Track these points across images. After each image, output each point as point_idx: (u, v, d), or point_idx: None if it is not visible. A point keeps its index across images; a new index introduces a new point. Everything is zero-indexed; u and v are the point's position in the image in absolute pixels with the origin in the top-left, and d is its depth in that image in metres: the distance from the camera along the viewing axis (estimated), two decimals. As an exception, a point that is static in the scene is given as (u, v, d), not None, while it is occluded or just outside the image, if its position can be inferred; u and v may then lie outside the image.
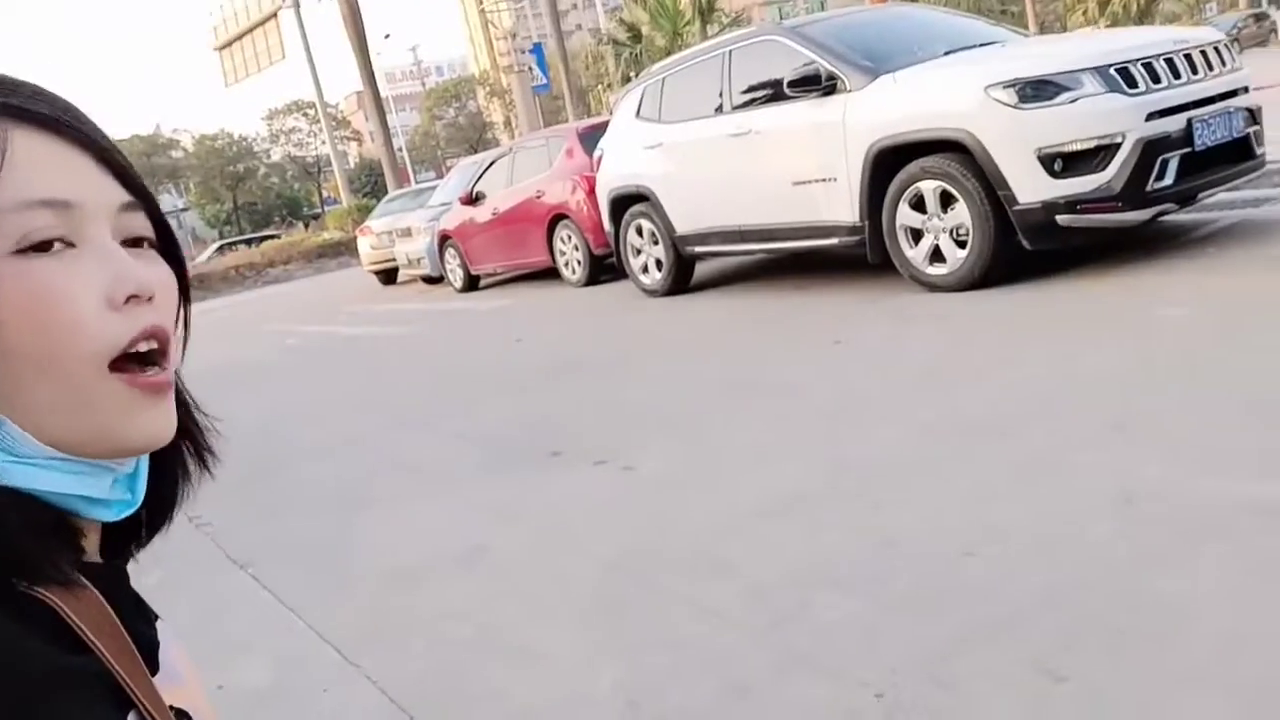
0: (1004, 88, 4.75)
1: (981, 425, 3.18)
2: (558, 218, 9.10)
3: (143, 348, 0.59)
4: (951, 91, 5.00)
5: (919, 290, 5.24)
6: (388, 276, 14.84)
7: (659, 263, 7.27)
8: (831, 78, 5.52)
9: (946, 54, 5.52)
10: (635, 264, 7.49)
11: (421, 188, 17.11)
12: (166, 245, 0.65)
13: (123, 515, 0.64)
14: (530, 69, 19.27)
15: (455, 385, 5.90)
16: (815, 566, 2.46)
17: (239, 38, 28.30)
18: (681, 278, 7.22)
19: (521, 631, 2.51)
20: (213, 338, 11.44)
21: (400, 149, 33.29)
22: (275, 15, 27.07)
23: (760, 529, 2.76)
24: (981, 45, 5.70)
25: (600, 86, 26.54)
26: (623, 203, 7.42)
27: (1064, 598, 2.09)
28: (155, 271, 0.62)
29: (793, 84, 5.63)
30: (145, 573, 0.71)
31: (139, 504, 0.64)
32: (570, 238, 9.01)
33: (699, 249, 6.93)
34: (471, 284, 11.17)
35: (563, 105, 26.71)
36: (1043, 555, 2.28)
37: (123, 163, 0.62)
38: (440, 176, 25.10)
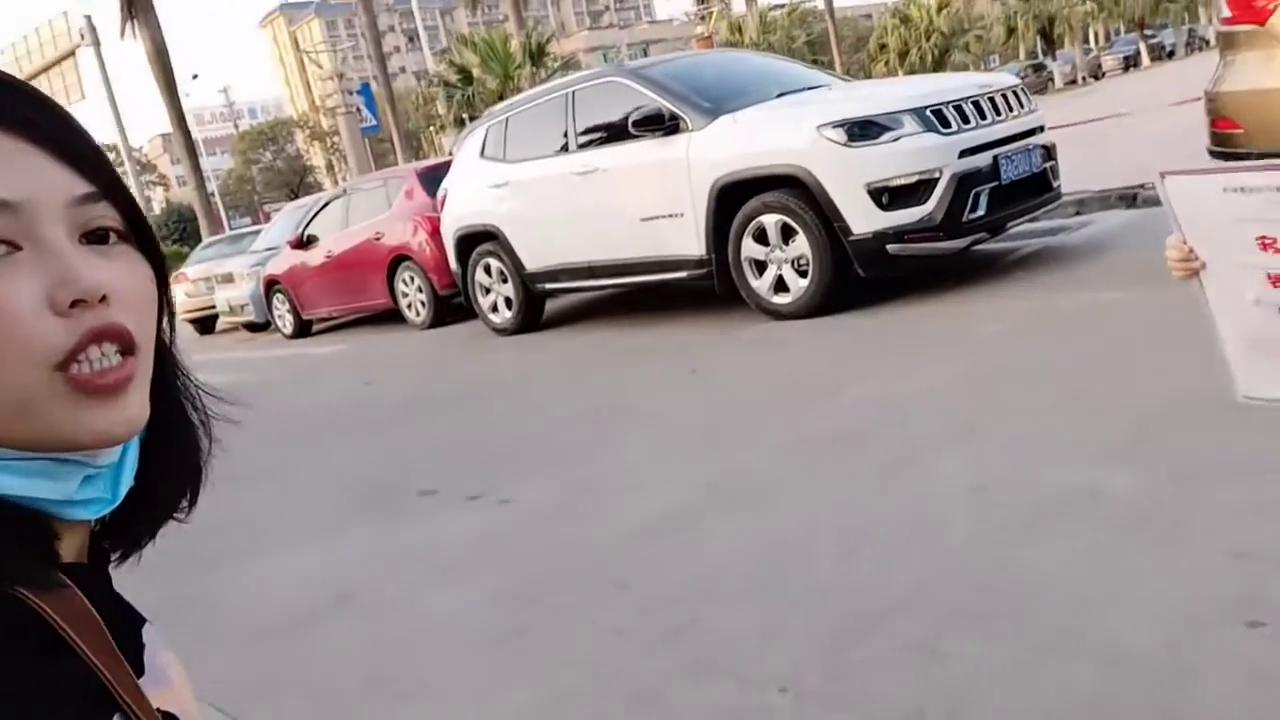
0: (834, 127, 5.11)
1: (841, 437, 3.40)
2: (399, 259, 8.96)
3: (93, 353, 0.57)
4: (788, 131, 5.33)
5: (765, 319, 5.50)
6: (204, 325, 14.10)
7: (509, 301, 7.29)
8: (674, 117, 5.76)
9: (779, 96, 5.87)
10: (484, 303, 7.48)
11: (241, 233, 16.38)
12: (140, 234, 0.63)
13: (100, 514, 0.62)
14: (359, 110, 18.92)
15: (304, 431, 5.69)
16: (707, 578, 2.56)
17: (34, 76, 26.30)
18: (532, 315, 7.27)
19: (417, 667, 2.47)
20: None
21: (213, 194, 31.80)
22: (74, 53, 25.38)
23: (648, 548, 2.84)
24: (810, 88, 6.11)
25: (432, 128, 26.37)
26: (469, 241, 7.41)
27: (936, 584, 2.27)
28: (112, 269, 0.59)
29: (637, 124, 5.83)
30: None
31: (118, 502, 0.62)
32: (413, 279, 8.89)
33: (549, 286, 7.00)
34: (303, 330, 10.79)
35: (390, 148, 26.30)
36: (913, 548, 2.47)
37: (83, 152, 0.59)
38: (257, 222, 24.11)
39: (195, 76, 60.71)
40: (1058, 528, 2.39)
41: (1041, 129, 5.58)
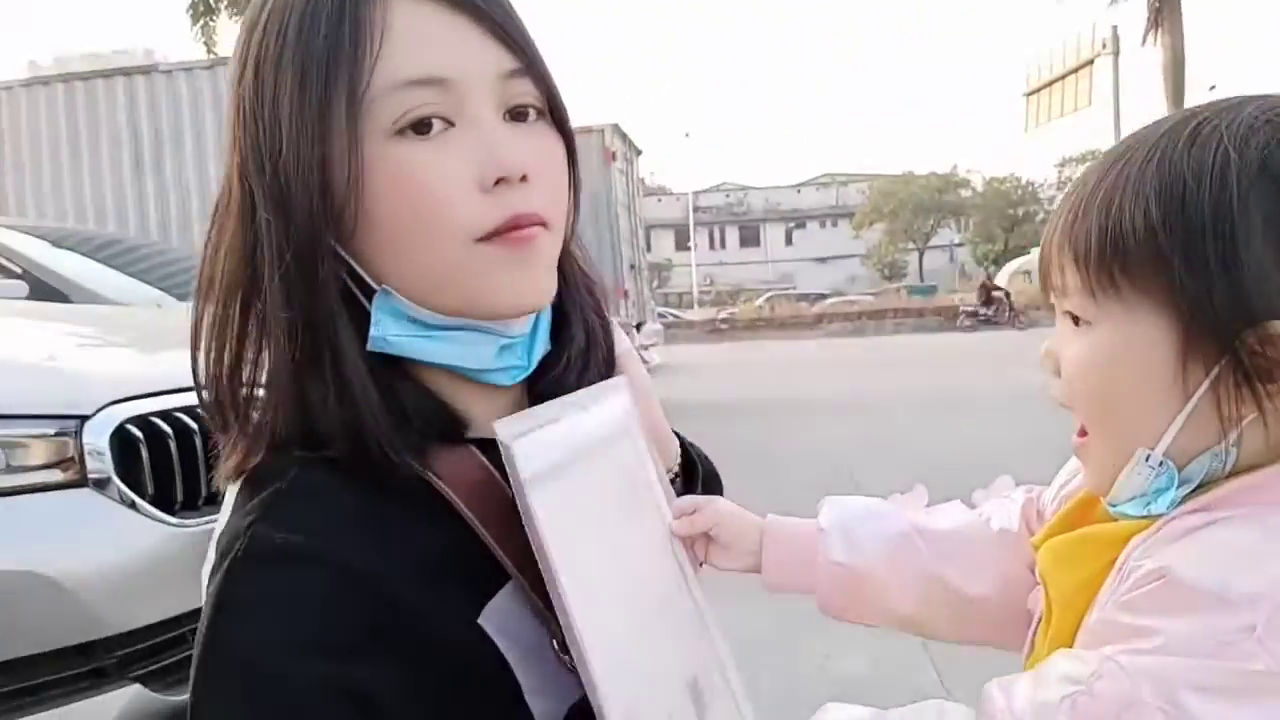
0: None
1: None
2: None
3: (512, 235, 0.58)
4: None
5: None
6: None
7: None
8: None
9: None
10: None
11: None
12: (555, 113, 0.63)
13: (517, 380, 0.64)
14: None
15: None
16: None
17: (1049, 84, 28.84)
18: None
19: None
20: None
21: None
22: (1091, 62, 26.93)
23: None
24: None
25: None
26: None
27: None
28: (532, 146, 0.60)
29: None
30: None
31: (532, 368, 0.65)
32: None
33: None
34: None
35: None
36: None
37: (512, 28, 0.60)
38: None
39: (1212, 88, 57.86)
40: None
41: None
